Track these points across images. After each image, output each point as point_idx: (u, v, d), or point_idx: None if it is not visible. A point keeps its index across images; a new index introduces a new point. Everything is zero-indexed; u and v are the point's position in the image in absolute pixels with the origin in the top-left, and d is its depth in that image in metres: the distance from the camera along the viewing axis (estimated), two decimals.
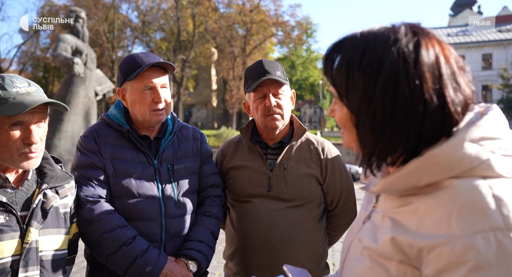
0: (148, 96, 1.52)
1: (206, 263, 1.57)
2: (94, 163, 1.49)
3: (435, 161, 0.66)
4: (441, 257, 0.62)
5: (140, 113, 1.54)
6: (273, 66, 1.69)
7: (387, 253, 0.70)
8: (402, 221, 0.70)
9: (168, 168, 1.58)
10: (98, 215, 1.40)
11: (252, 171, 1.76)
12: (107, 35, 29.64)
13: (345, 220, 1.87)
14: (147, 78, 1.50)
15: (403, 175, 0.69)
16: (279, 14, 31.71)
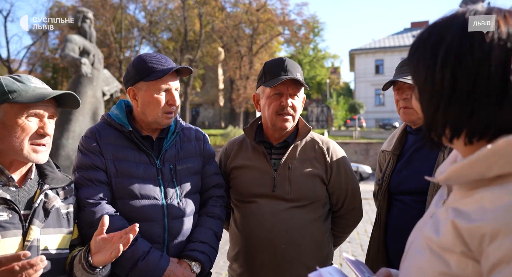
0: (163, 98, 1.52)
1: (210, 264, 1.55)
2: (95, 164, 1.49)
3: (509, 149, 0.61)
4: (502, 248, 0.58)
5: (152, 115, 1.54)
6: (294, 66, 1.68)
7: (448, 244, 0.67)
8: (465, 209, 0.67)
9: (170, 168, 1.57)
10: (100, 218, 1.38)
11: (256, 171, 1.74)
12: (114, 36, 29.83)
13: (351, 220, 1.84)
14: (165, 81, 1.52)
15: (471, 163, 0.65)
16: (286, 13, 31.58)
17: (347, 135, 26.31)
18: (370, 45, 35.50)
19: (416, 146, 1.67)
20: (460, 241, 0.65)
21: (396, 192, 1.68)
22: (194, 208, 1.60)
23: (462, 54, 0.65)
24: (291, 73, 1.65)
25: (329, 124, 30.41)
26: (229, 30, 29.98)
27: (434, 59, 0.69)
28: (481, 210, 0.63)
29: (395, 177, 1.68)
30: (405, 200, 1.63)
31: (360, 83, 34.84)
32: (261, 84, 1.72)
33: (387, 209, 1.71)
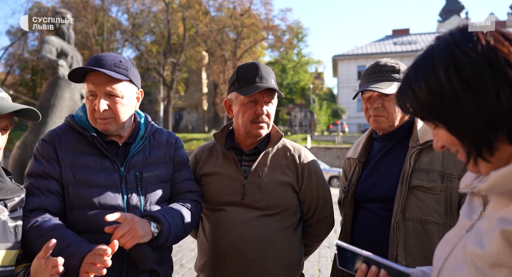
0: (91, 102, 1.44)
1: (168, 232, 1.38)
2: (46, 172, 1.40)
3: None
4: None
5: (90, 119, 1.46)
6: (268, 72, 1.64)
7: (497, 257, 0.63)
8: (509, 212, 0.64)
9: (136, 175, 1.47)
10: (33, 223, 1.30)
11: (226, 178, 1.69)
12: (96, 38, 29.36)
13: (322, 229, 1.80)
14: (90, 83, 1.43)
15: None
16: (270, 18, 31.73)
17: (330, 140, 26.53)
18: (353, 52, 36.03)
19: (382, 152, 1.65)
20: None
21: (362, 199, 1.65)
22: None
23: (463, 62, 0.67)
24: (266, 80, 1.61)
25: (312, 129, 30.60)
26: (213, 34, 29.92)
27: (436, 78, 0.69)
28: None
29: (361, 184, 1.66)
30: (371, 207, 1.61)
31: (343, 88, 35.26)
32: (234, 90, 1.66)
33: (353, 217, 1.69)
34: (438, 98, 0.69)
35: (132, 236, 1.27)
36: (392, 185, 1.53)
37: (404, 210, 1.47)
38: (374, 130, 1.73)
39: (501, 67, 0.65)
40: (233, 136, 1.77)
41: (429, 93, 0.70)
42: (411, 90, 0.73)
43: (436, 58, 0.70)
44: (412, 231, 1.47)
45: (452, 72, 0.67)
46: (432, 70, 0.70)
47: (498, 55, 0.66)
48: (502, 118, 0.65)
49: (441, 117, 0.71)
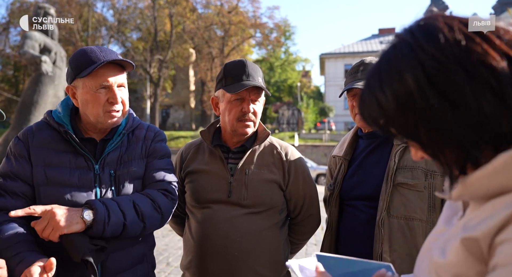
0: (102, 96, 1.37)
1: (105, 219, 1.26)
2: (15, 173, 1.35)
3: None
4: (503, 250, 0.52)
5: (93, 115, 1.39)
6: (256, 70, 1.63)
7: (457, 267, 0.58)
8: (474, 219, 0.59)
9: (110, 173, 1.42)
10: None
11: (212, 176, 1.68)
12: (81, 34, 28.84)
13: (308, 227, 1.81)
14: (102, 76, 1.36)
15: (489, 174, 0.56)
16: (258, 15, 31.67)
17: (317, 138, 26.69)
18: (340, 50, 36.28)
19: (368, 150, 1.66)
20: (474, 257, 0.56)
21: (347, 197, 1.66)
22: None
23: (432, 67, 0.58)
24: (253, 78, 1.61)
25: (299, 127, 30.73)
26: (200, 31, 29.71)
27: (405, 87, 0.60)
28: (493, 214, 0.56)
29: (347, 182, 1.67)
30: (356, 205, 1.62)
31: (330, 87, 35.49)
32: (221, 88, 1.66)
33: (338, 215, 1.70)
34: (407, 113, 0.60)
35: (52, 228, 1.20)
36: (377, 182, 1.54)
37: (388, 207, 1.49)
38: (359, 128, 1.74)
39: (478, 71, 0.56)
40: (220, 134, 1.76)
41: (397, 104, 0.60)
42: (376, 101, 0.63)
43: (401, 63, 0.60)
44: (396, 227, 1.48)
45: (421, 79, 0.57)
46: (398, 78, 0.60)
47: (471, 56, 0.56)
48: (486, 128, 0.56)
49: (412, 133, 0.62)
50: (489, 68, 0.56)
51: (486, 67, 0.56)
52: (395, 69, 0.61)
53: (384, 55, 0.64)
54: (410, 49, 0.60)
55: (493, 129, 0.56)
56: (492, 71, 0.56)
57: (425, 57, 0.58)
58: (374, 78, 0.64)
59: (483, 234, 0.55)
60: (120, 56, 1.40)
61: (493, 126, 0.56)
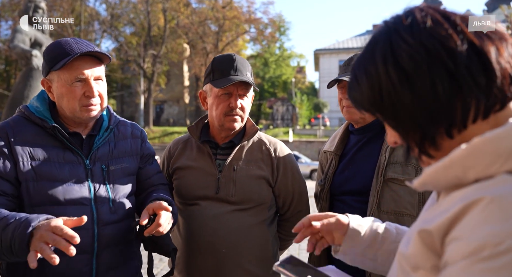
0: (78, 89, 1.33)
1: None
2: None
3: (486, 149, 0.53)
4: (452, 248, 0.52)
5: (69, 109, 1.35)
6: (244, 65, 1.61)
7: (415, 259, 0.58)
8: (433, 211, 0.60)
9: (102, 168, 1.41)
10: None
11: (200, 172, 1.65)
12: (73, 28, 28.49)
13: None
14: (77, 68, 1.31)
15: (445, 165, 0.57)
16: (252, 11, 31.55)
17: (312, 134, 26.75)
18: (334, 46, 36.27)
19: (358, 145, 1.65)
20: (429, 250, 0.56)
21: (338, 192, 1.65)
22: (129, 212, 1.46)
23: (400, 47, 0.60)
24: (241, 73, 1.58)
25: (294, 123, 30.76)
26: (194, 26, 29.53)
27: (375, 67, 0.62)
28: (448, 208, 0.56)
29: (338, 177, 1.65)
30: (347, 200, 1.61)
31: (324, 82, 35.49)
32: (208, 82, 1.63)
33: (329, 210, 1.68)
34: (376, 91, 0.62)
35: (168, 223, 1.32)
36: (368, 177, 1.52)
37: (379, 202, 1.48)
38: (350, 123, 1.72)
39: (437, 52, 0.57)
40: (208, 129, 1.73)
41: (368, 85, 0.63)
42: (355, 80, 0.66)
43: (377, 45, 0.63)
44: None
45: (389, 62, 0.59)
46: (371, 60, 0.62)
47: (435, 39, 0.57)
48: (440, 110, 0.58)
49: (382, 112, 0.64)
50: (449, 51, 0.57)
51: (445, 49, 0.57)
52: (371, 51, 0.63)
53: (370, 37, 0.67)
54: (387, 31, 0.63)
55: (447, 112, 0.58)
56: (450, 54, 0.57)
57: (397, 38, 0.60)
58: (357, 59, 0.67)
59: (436, 228, 0.55)
60: (97, 48, 1.35)
61: (446, 109, 0.57)
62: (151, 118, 29.29)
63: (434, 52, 0.57)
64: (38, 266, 1.28)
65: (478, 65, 0.56)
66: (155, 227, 1.27)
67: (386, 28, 0.63)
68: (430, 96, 0.57)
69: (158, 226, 1.27)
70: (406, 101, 0.59)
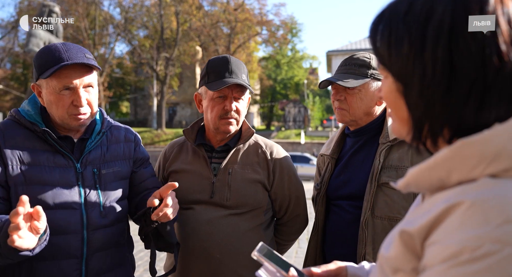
0: (66, 97, 1.32)
1: None
2: None
3: (470, 152, 0.52)
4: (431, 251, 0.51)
5: (58, 116, 1.35)
6: (239, 67, 1.58)
7: (396, 260, 0.57)
8: (415, 213, 0.59)
9: (93, 172, 1.40)
10: None
11: (195, 176, 1.64)
12: (88, 32, 29.01)
13: (294, 228, 1.76)
14: (66, 77, 1.30)
15: (430, 167, 0.55)
16: (264, 13, 31.61)
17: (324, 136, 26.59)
18: (347, 47, 35.94)
19: (354, 149, 1.61)
20: (409, 252, 0.55)
21: (334, 197, 1.62)
22: (120, 216, 1.45)
23: (459, 30, 0.53)
24: (236, 75, 1.56)
25: (306, 125, 30.62)
26: (206, 29, 29.72)
27: (422, 37, 0.55)
28: (429, 211, 0.54)
29: (333, 181, 1.62)
30: (342, 204, 1.58)
31: None
32: (203, 85, 1.62)
33: (325, 215, 1.65)
34: (413, 61, 0.56)
35: (175, 208, 1.32)
36: (363, 182, 1.49)
37: (373, 207, 1.44)
38: (347, 126, 1.69)
39: (491, 53, 0.52)
40: (204, 132, 1.72)
41: (408, 50, 0.56)
42: (389, 33, 0.59)
43: (435, 5, 0.55)
44: (380, 228, 1.43)
45: (442, 39, 0.54)
46: (422, 22, 0.55)
47: (497, 35, 0.53)
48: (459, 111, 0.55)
49: (405, 81, 0.58)
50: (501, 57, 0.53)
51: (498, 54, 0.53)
52: (426, 11, 0.56)
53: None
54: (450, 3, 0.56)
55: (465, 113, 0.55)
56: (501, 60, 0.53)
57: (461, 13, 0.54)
58: (403, 4, 0.59)
59: (417, 230, 0.54)
60: (88, 56, 1.34)
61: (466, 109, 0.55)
62: (164, 121, 29.56)
63: (489, 52, 0.53)
64: (27, 270, 1.30)
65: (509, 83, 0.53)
66: (164, 207, 1.25)
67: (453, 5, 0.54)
68: (462, 94, 0.54)
69: (166, 206, 1.25)
70: (438, 89, 0.55)
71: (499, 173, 0.51)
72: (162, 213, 1.26)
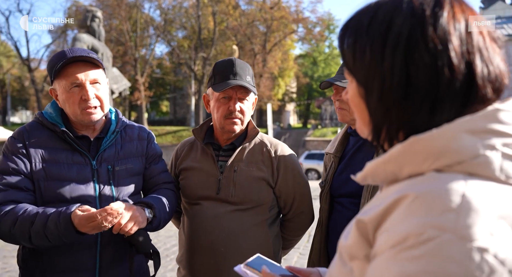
0: (76, 94, 1.44)
1: (160, 216, 1.50)
2: (16, 169, 1.43)
3: (419, 148, 0.57)
4: (381, 239, 0.55)
5: (71, 113, 1.48)
6: (244, 69, 1.66)
7: (353, 248, 0.61)
8: (371, 203, 0.63)
9: (108, 169, 1.52)
10: (3, 214, 1.35)
11: (203, 173, 1.72)
12: (130, 34, 30.25)
13: (299, 224, 1.81)
14: (72, 74, 1.43)
15: (384, 161, 0.60)
16: (300, 10, 31.38)
17: None
18: None
19: (356, 147, 1.64)
20: (363, 239, 0.59)
21: (337, 194, 1.65)
22: None
23: (415, 43, 0.58)
24: (240, 77, 1.63)
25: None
26: (243, 28, 29.98)
27: (382, 47, 0.60)
28: (380, 202, 0.58)
29: (336, 179, 1.65)
30: (343, 202, 1.61)
31: None
32: (210, 86, 1.70)
33: (328, 211, 1.68)
34: (374, 70, 0.61)
35: (133, 223, 1.38)
36: None
37: None
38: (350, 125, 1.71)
39: (442, 65, 0.57)
40: (212, 132, 1.80)
41: (370, 59, 0.61)
42: (353, 42, 0.64)
43: (394, 20, 0.60)
44: None
45: (399, 51, 0.58)
46: (383, 34, 0.60)
47: (448, 48, 0.57)
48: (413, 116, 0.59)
49: (366, 87, 0.63)
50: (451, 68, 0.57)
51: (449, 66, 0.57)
52: (386, 24, 0.60)
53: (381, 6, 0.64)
54: (410, 12, 0.60)
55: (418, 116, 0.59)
56: (451, 71, 0.57)
57: (416, 29, 0.58)
58: (366, 17, 0.64)
59: (369, 219, 0.58)
60: (91, 54, 1.46)
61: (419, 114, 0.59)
62: (201, 119, 30.22)
63: (441, 64, 0.57)
64: (47, 258, 1.44)
65: (464, 86, 0.57)
66: (117, 226, 1.35)
67: (411, 5, 0.60)
68: (417, 102, 0.58)
69: (119, 225, 1.35)
70: (395, 96, 0.59)
71: (443, 168, 0.55)
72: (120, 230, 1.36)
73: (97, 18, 10.92)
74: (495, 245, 0.47)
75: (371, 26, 0.62)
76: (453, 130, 0.55)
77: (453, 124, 0.56)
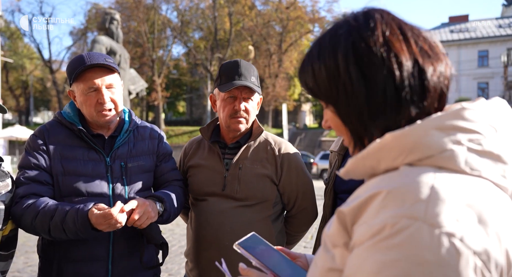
0: (92, 97, 1.54)
1: (170, 209, 1.59)
2: (36, 164, 1.53)
3: (393, 144, 0.62)
4: (360, 230, 0.59)
5: (88, 114, 1.59)
6: (249, 69, 1.72)
7: (334, 236, 0.66)
8: (353, 196, 0.68)
9: (121, 165, 1.62)
10: (25, 206, 1.45)
11: (210, 170, 1.79)
12: (147, 36, 30.76)
13: (303, 220, 1.85)
14: (90, 79, 1.53)
15: (363, 157, 0.66)
16: (316, 10, 31.29)
17: None
18: None
19: None
20: (343, 228, 0.64)
21: (339, 191, 1.69)
22: None
23: (360, 50, 0.65)
24: (245, 78, 1.69)
25: None
26: (258, 28, 30.07)
27: (334, 60, 0.67)
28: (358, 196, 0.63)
29: (339, 176, 1.68)
30: (345, 198, 1.63)
31: None
32: (216, 86, 1.77)
33: (332, 207, 1.72)
34: (333, 84, 0.68)
35: (147, 217, 1.46)
36: None
37: None
38: None
39: (390, 62, 0.64)
40: (218, 131, 1.87)
41: (327, 77, 0.69)
42: (311, 69, 0.72)
43: (338, 41, 0.68)
44: None
45: (350, 60, 0.66)
46: (332, 53, 0.68)
47: (391, 49, 0.65)
48: (383, 114, 0.65)
49: (333, 99, 0.70)
50: (399, 64, 0.64)
51: (397, 62, 0.64)
52: (332, 45, 0.69)
53: (328, 31, 0.73)
54: (348, 30, 0.68)
55: (386, 118, 0.65)
56: (399, 67, 0.64)
57: (358, 39, 0.66)
58: (315, 48, 0.73)
59: (348, 211, 0.62)
60: (108, 59, 1.56)
61: (387, 116, 0.65)
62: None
63: (388, 62, 0.64)
64: (64, 248, 1.54)
65: (418, 81, 0.64)
66: (132, 221, 1.42)
67: (348, 26, 0.69)
68: (380, 101, 0.65)
69: (133, 220, 1.42)
70: (359, 99, 0.66)
71: (415, 162, 0.60)
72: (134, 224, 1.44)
73: (115, 21, 11.17)
74: (461, 230, 0.51)
75: (321, 51, 0.70)
76: (424, 127, 0.60)
77: (424, 121, 0.61)
